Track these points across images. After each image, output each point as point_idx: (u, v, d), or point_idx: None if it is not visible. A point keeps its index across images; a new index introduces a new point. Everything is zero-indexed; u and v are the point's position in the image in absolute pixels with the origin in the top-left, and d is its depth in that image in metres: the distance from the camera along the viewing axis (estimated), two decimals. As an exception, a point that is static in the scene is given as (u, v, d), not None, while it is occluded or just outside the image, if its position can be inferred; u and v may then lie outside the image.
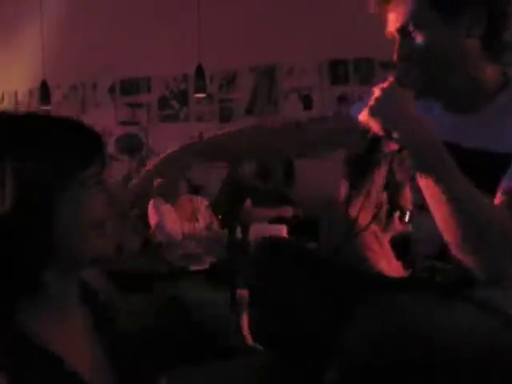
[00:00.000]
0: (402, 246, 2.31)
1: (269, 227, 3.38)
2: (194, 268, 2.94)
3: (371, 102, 1.21)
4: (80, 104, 6.33)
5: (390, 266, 2.43)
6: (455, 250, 1.21)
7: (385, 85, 1.23)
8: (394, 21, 1.33)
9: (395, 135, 1.19)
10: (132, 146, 6.14)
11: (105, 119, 6.24)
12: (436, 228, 1.23)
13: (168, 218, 3.72)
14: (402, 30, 1.31)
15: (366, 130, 1.25)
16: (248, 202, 4.40)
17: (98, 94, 6.28)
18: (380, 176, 2.83)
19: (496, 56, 1.33)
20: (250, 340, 1.70)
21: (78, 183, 0.97)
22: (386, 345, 1.12)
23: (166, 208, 3.76)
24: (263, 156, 1.75)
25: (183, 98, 5.97)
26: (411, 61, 1.31)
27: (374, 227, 2.57)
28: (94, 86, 6.28)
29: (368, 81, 5.20)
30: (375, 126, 1.20)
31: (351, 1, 4.88)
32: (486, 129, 1.30)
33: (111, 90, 6.23)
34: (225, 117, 5.85)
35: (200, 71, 5.19)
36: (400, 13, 1.30)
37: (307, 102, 5.43)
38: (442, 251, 1.36)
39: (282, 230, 3.35)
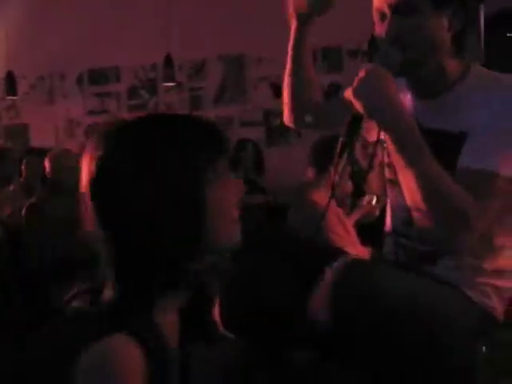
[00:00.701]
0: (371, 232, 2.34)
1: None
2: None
3: (355, 83, 1.28)
4: (48, 94, 6.26)
5: (355, 248, 2.47)
6: (418, 217, 1.32)
7: (367, 67, 1.30)
8: None
9: (375, 116, 1.29)
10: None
11: (73, 109, 6.19)
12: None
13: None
14: (396, 9, 1.35)
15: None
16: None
17: (65, 84, 6.22)
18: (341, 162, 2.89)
19: (459, 53, 1.42)
20: (221, 328, 1.71)
21: (216, 173, 1.00)
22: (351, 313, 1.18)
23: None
24: None
25: (152, 87, 5.94)
26: (397, 41, 1.35)
27: (337, 210, 2.62)
28: (62, 77, 6.22)
29: (336, 69, 5.25)
30: (358, 105, 1.27)
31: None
32: (445, 113, 1.40)
33: (79, 80, 6.17)
34: (194, 105, 5.84)
35: (169, 60, 5.17)
36: None
37: (276, 91, 5.46)
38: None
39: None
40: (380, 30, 1.40)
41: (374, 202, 2.59)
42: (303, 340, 1.30)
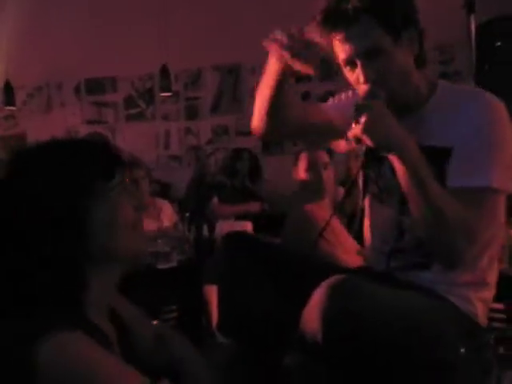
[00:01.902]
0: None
1: (234, 224, 3.44)
2: (161, 266, 2.97)
3: (363, 119, 1.34)
4: (45, 104, 6.30)
5: (349, 257, 2.52)
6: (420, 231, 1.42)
7: (370, 102, 1.39)
8: (351, 49, 1.44)
9: (386, 149, 1.39)
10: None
11: (70, 118, 6.23)
12: None
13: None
14: (364, 56, 1.43)
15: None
16: (215, 200, 4.46)
17: (63, 93, 6.26)
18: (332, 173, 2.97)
19: (420, 65, 1.53)
20: (218, 335, 1.75)
21: (107, 191, 1.12)
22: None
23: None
24: None
25: (149, 96, 6.00)
26: (376, 82, 1.44)
27: (334, 220, 2.67)
28: (59, 86, 6.26)
29: (330, 78, 5.30)
30: (368, 142, 1.35)
31: (315, 3, 4.98)
32: (421, 127, 1.50)
33: (76, 89, 6.22)
34: (191, 115, 5.89)
35: (165, 70, 5.23)
36: (359, 42, 1.43)
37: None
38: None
39: (248, 226, 3.41)
40: (352, 78, 1.49)
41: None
42: (295, 344, 1.36)
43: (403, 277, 1.53)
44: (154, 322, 1.37)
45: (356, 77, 1.47)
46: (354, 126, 1.36)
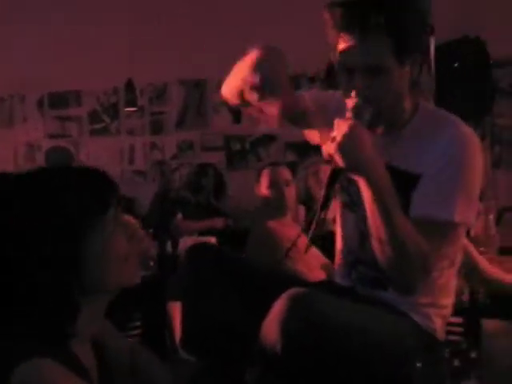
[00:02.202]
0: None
1: (198, 240, 3.43)
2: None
3: (338, 138, 1.33)
4: (7, 117, 6.22)
5: (309, 271, 2.55)
6: (381, 259, 1.41)
7: (349, 123, 1.36)
8: (353, 59, 1.41)
9: (356, 172, 1.37)
10: (62, 160, 6.07)
11: (33, 132, 6.16)
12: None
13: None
14: (366, 70, 1.41)
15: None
16: (179, 215, 4.45)
17: (25, 106, 6.20)
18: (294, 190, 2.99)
19: (413, 91, 1.53)
20: (182, 352, 1.74)
21: (101, 225, 1.11)
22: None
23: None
24: None
25: (114, 111, 5.97)
26: (368, 98, 1.42)
27: (286, 233, 2.70)
28: (22, 99, 6.20)
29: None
30: (339, 161, 1.33)
31: (282, 19, 5.07)
32: (396, 147, 1.51)
33: (39, 103, 6.16)
34: (156, 130, 5.89)
35: (130, 85, 5.22)
36: (366, 54, 1.40)
37: (236, 116, 5.55)
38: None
39: (211, 242, 3.40)
40: (344, 83, 1.46)
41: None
42: (255, 357, 1.37)
43: (364, 292, 1.56)
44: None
45: (348, 85, 1.45)
46: (329, 142, 1.35)
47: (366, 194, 1.37)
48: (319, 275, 2.50)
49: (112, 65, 5.47)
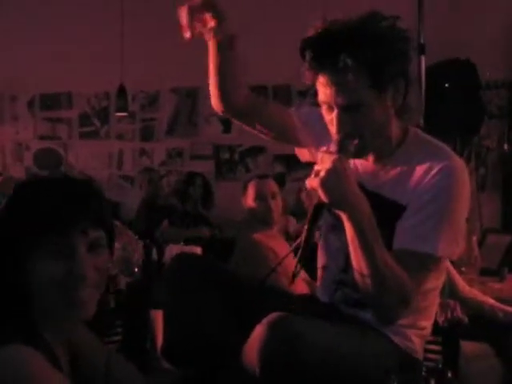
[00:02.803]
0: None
1: (184, 248, 3.43)
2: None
3: (322, 174, 1.33)
4: (-3, 115, 6.21)
5: (293, 285, 2.56)
6: (362, 290, 1.42)
7: (333, 158, 1.36)
8: (331, 96, 1.42)
9: (339, 207, 1.38)
10: (50, 162, 6.06)
11: (23, 133, 6.15)
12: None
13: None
14: (344, 108, 1.42)
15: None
16: (165, 223, 4.45)
17: (16, 106, 6.18)
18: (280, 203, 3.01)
19: (401, 115, 1.53)
20: (163, 361, 1.74)
21: (55, 243, 1.06)
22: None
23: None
24: None
25: (104, 115, 5.97)
26: (348, 134, 1.44)
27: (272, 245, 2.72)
28: (13, 99, 6.18)
29: (286, 107, 5.40)
30: (323, 196, 1.34)
31: (272, 31, 5.11)
32: (386, 176, 1.52)
33: (30, 103, 6.14)
34: (146, 136, 5.89)
35: (122, 90, 5.23)
36: (343, 92, 1.40)
37: (226, 126, 5.57)
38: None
39: (197, 251, 3.41)
40: (328, 118, 1.48)
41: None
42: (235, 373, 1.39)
43: (346, 311, 1.58)
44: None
45: (331, 119, 1.46)
46: (313, 176, 1.36)
47: (348, 228, 1.38)
48: (302, 289, 2.51)
49: (105, 69, 5.46)
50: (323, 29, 1.43)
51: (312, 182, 1.36)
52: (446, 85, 4.18)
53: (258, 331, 1.31)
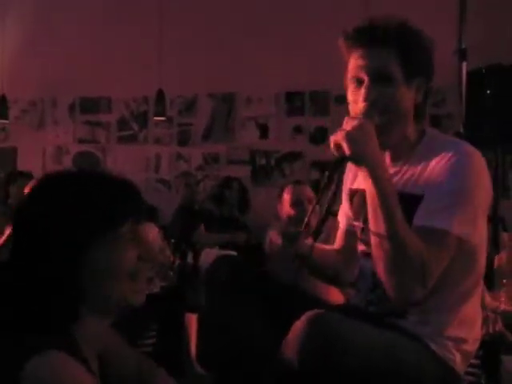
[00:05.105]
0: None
1: (220, 253, 3.44)
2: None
3: (348, 128, 1.39)
4: (38, 120, 6.31)
5: (330, 295, 2.53)
6: (379, 270, 1.43)
7: (359, 118, 1.43)
8: (364, 65, 1.49)
9: (361, 160, 1.41)
10: (89, 165, 6.14)
11: (62, 136, 6.24)
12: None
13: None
14: (374, 77, 1.47)
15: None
16: (201, 227, 4.46)
17: (57, 110, 6.28)
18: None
19: (419, 120, 1.57)
20: (197, 365, 1.73)
21: (111, 238, 1.10)
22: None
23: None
24: None
25: (143, 119, 6.04)
26: (374, 105, 1.47)
27: None
28: (54, 103, 6.29)
29: (323, 113, 5.38)
30: (347, 148, 1.37)
31: (310, 37, 5.09)
32: (405, 176, 1.54)
33: (71, 107, 6.24)
34: (182, 140, 5.94)
35: (161, 95, 5.28)
36: (375, 62, 1.48)
37: (263, 131, 5.57)
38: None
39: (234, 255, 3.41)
40: (354, 96, 1.51)
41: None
42: (272, 377, 1.37)
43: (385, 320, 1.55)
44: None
45: (357, 97, 1.49)
46: (338, 131, 1.39)
47: (368, 187, 1.40)
48: (338, 298, 2.48)
49: (144, 74, 5.53)
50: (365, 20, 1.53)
51: (336, 136, 1.39)
52: (488, 91, 4.10)
53: (298, 326, 1.30)
